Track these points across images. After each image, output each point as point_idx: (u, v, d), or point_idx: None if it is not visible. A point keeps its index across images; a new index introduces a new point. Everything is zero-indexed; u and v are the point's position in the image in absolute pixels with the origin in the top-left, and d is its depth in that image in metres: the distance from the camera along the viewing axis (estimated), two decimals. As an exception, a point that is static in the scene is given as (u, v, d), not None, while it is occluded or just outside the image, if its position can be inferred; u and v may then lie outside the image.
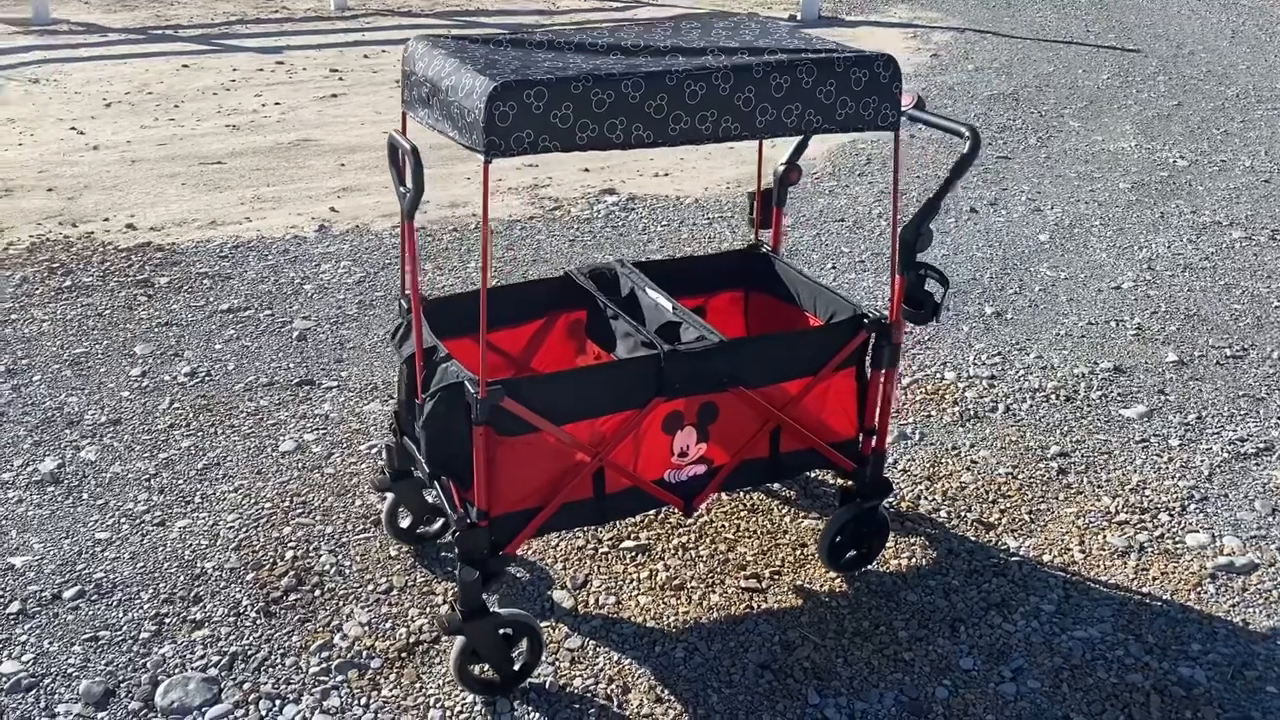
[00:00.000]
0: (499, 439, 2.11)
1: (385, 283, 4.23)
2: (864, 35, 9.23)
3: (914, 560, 2.73)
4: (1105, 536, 2.85)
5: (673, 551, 2.73)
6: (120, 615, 2.47)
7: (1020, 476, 3.10)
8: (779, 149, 2.91)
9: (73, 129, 6.06)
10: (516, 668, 2.28)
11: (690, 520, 2.83)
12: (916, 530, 2.85)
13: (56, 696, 2.24)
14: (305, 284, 4.20)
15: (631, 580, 2.63)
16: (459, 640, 2.19)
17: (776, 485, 2.98)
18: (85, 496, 2.89)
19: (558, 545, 2.73)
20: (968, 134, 2.30)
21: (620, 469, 2.25)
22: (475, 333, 2.54)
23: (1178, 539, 2.85)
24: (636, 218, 5.02)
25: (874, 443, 2.53)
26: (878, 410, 2.50)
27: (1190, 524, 2.91)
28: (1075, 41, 8.90)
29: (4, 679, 2.28)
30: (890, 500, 2.95)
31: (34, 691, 2.25)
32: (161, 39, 8.24)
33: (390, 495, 2.62)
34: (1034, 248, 4.77)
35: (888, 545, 2.76)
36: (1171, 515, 2.94)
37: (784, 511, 2.89)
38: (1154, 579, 2.70)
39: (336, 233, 4.74)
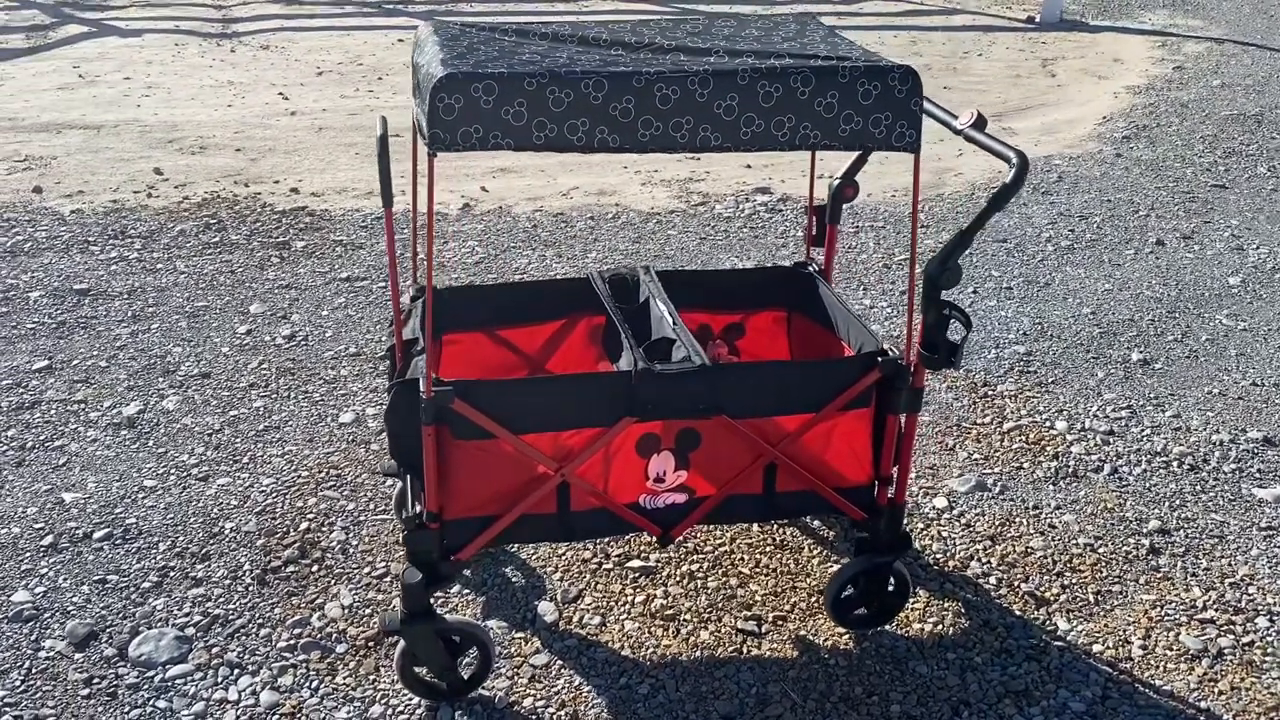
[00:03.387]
0: (454, 441, 2.04)
1: (501, 265, 4.25)
2: (1105, 42, 8.53)
3: (939, 627, 2.46)
4: (1179, 634, 2.47)
5: (678, 578, 2.58)
6: (133, 562, 2.58)
7: (1101, 549, 2.74)
8: (835, 162, 2.69)
9: (280, 94, 6.45)
10: (466, 677, 2.22)
11: (708, 547, 2.67)
12: (956, 594, 2.57)
13: (48, 632, 2.37)
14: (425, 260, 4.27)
15: (624, 602, 2.51)
16: (401, 641, 2.15)
17: (815, 522, 2.77)
18: (151, 444, 3.05)
19: (563, 554, 2.64)
20: (1014, 160, 2.03)
21: (587, 487, 2.13)
22: (488, 326, 2.50)
23: (1270, 650, 2.43)
24: (780, 219, 4.82)
25: (891, 493, 2.29)
26: (894, 458, 2.26)
27: (1293, 635, 2.48)
28: (1355, 60, 7.86)
29: (11, 607, 2.43)
30: (936, 556, 2.68)
31: (31, 623, 2.39)
32: (391, 13, 8.65)
33: (400, 481, 2.61)
34: (1218, 291, 4.23)
35: (914, 606, 2.51)
36: (1274, 621, 2.52)
37: (813, 552, 2.68)
38: (1221, 694, 2.31)
39: (478, 212, 4.81)
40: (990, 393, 3.44)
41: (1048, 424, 3.28)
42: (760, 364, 2.43)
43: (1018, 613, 2.52)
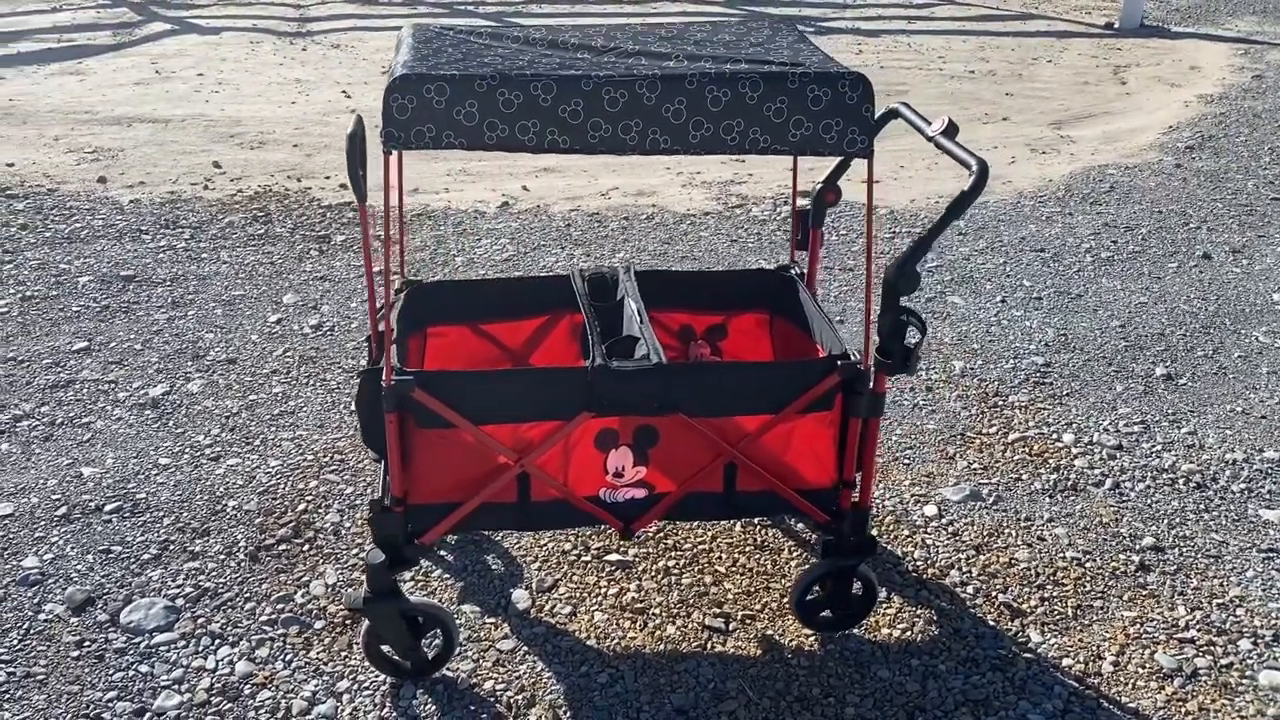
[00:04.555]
0: (418, 429, 2.12)
1: (529, 263, 4.33)
2: (1184, 49, 8.30)
3: (908, 633, 2.46)
4: (1154, 652, 2.43)
5: (653, 573, 2.62)
6: (137, 535, 2.72)
7: (1088, 564, 2.70)
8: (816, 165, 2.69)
9: (343, 92, 6.64)
10: (430, 657, 2.30)
11: (688, 545, 2.71)
12: (931, 602, 2.56)
13: (49, 596, 2.51)
14: (457, 256, 4.38)
15: (596, 594, 2.56)
16: (366, 620, 2.23)
17: (799, 525, 2.78)
18: (171, 424, 3.19)
19: (544, 544, 2.71)
20: (974, 168, 2.03)
21: (547, 479, 2.19)
22: (473, 321, 2.57)
23: (1248, 673, 2.38)
24: (816, 225, 4.81)
25: (855, 497, 2.30)
26: (857, 462, 2.27)
27: (1277, 658, 2.42)
28: None
29: (20, 572, 2.58)
30: (917, 563, 2.68)
31: (36, 587, 2.53)
32: (463, 13, 8.82)
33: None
34: (1260, 307, 4.11)
35: (885, 611, 2.51)
36: (1256, 644, 2.46)
37: (792, 554, 2.70)
38: (1188, 714, 2.27)
39: (515, 210, 4.91)
40: (1001, 403, 3.41)
41: (1054, 436, 3.23)
42: (717, 364, 2.47)
43: (990, 623, 2.51)
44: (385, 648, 2.27)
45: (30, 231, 4.47)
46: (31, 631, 2.41)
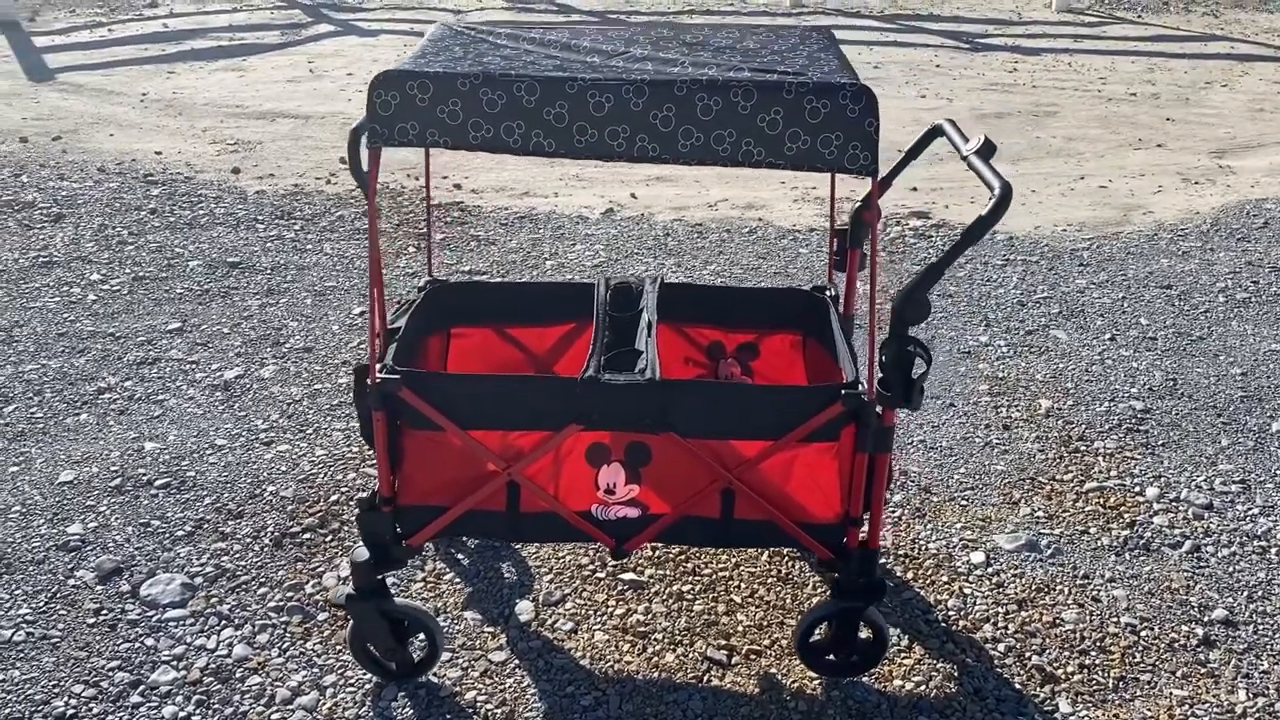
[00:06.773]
0: (409, 430, 2.10)
1: (617, 270, 4.29)
2: (1383, 77, 7.59)
3: (922, 687, 2.29)
4: (1199, 738, 2.19)
5: (665, 596, 2.53)
6: (177, 512, 2.80)
7: (1144, 632, 2.46)
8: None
9: (479, 94, 6.77)
10: (417, 661, 2.28)
11: (708, 570, 2.61)
12: (954, 656, 2.38)
13: (83, 562, 2.61)
14: (548, 260, 4.39)
15: (602, 613, 2.49)
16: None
17: (829, 560, 2.64)
18: (235, 406, 3.30)
19: (562, 556, 2.65)
20: (997, 190, 1.87)
21: (535, 489, 2.13)
22: (496, 324, 2.55)
23: (1306, 774, 2.11)
24: (926, 246, 4.61)
25: (862, 536, 2.16)
26: (863, 499, 2.12)
27: (1345, 762, 2.14)
28: None
29: (64, 537, 2.69)
30: (949, 613, 2.49)
31: (74, 553, 2.64)
32: (614, 22, 8.89)
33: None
34: None
35: (901, 661, 2.35)
36: (1324, 742, 2.18)
37: (816, 590, 2.56)
38: (1223, 812, 2.03)
39: (619, 217, 4.88)
40: (1084, 448, 3.15)
41: (1136, 489, 2.97)
42: (711, 384, 2.36)
43: (1017, 686, 2.31)
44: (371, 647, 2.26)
45: (157, 216, 4.72)
46: (58, 596, 2.51)
